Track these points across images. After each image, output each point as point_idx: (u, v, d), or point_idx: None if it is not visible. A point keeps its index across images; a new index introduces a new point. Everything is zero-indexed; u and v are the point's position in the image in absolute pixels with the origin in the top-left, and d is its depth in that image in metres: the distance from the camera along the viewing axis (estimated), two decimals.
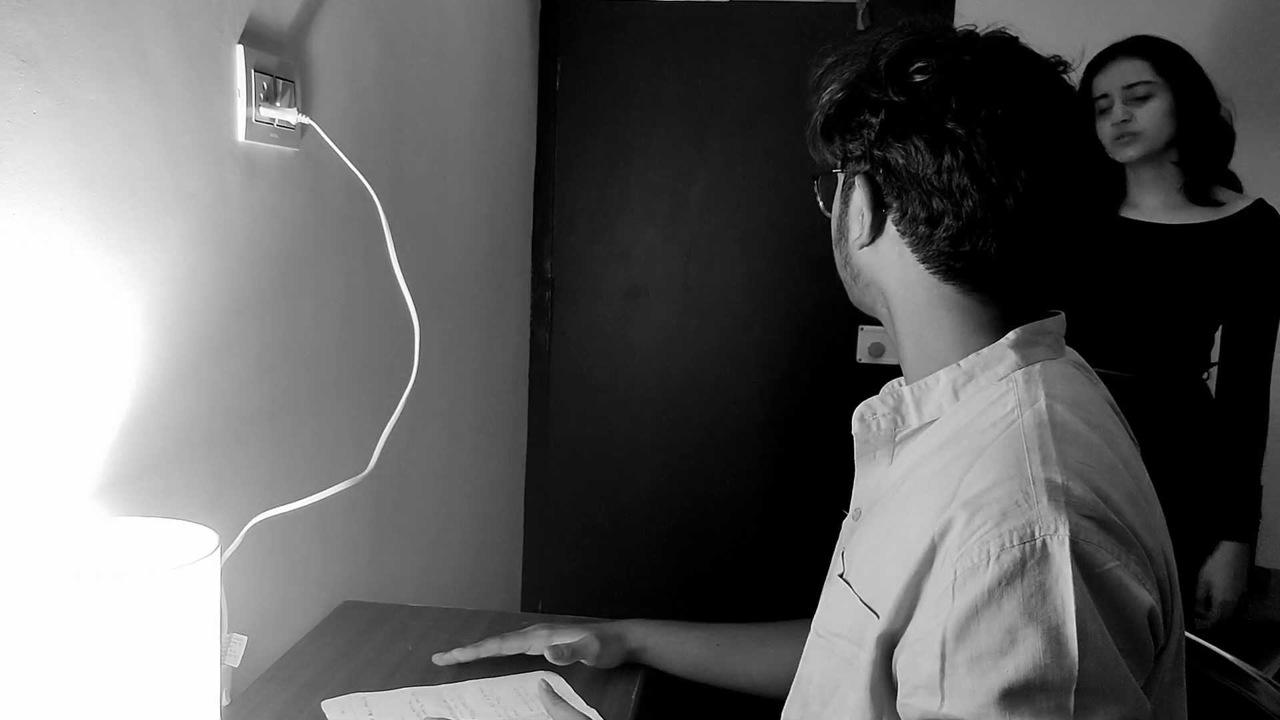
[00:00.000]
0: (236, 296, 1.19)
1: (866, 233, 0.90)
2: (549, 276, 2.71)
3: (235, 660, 1.08)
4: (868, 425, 0.92)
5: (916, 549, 0.78)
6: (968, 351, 0.88)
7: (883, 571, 0.82)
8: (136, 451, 1.02)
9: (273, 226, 1.27)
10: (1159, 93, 1.81)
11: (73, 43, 0.90)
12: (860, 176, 0.89)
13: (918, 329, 0.90)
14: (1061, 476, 0.77)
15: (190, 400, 1.11)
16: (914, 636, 0.78)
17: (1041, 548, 0.73)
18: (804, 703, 0.94)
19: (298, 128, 1.28)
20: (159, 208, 1.04)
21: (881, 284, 0.92)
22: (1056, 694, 0.71)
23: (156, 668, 0.79)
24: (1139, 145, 1.83)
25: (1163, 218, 1.87)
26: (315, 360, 1.41)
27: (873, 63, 0.88)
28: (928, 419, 0.89)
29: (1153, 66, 1.82)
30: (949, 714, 0.75)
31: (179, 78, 1.06)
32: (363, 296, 1.53)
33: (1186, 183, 1.85)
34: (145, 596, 0.78)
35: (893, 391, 0.92)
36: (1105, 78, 1.85)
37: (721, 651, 1.25)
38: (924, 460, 0.86)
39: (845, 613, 0.87)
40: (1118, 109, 1.83)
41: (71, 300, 0.92)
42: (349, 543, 1.55)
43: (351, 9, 1.46)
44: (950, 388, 0.87)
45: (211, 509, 1.15)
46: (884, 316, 0.95)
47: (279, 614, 1.34)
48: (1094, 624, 0.72)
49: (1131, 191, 1.91)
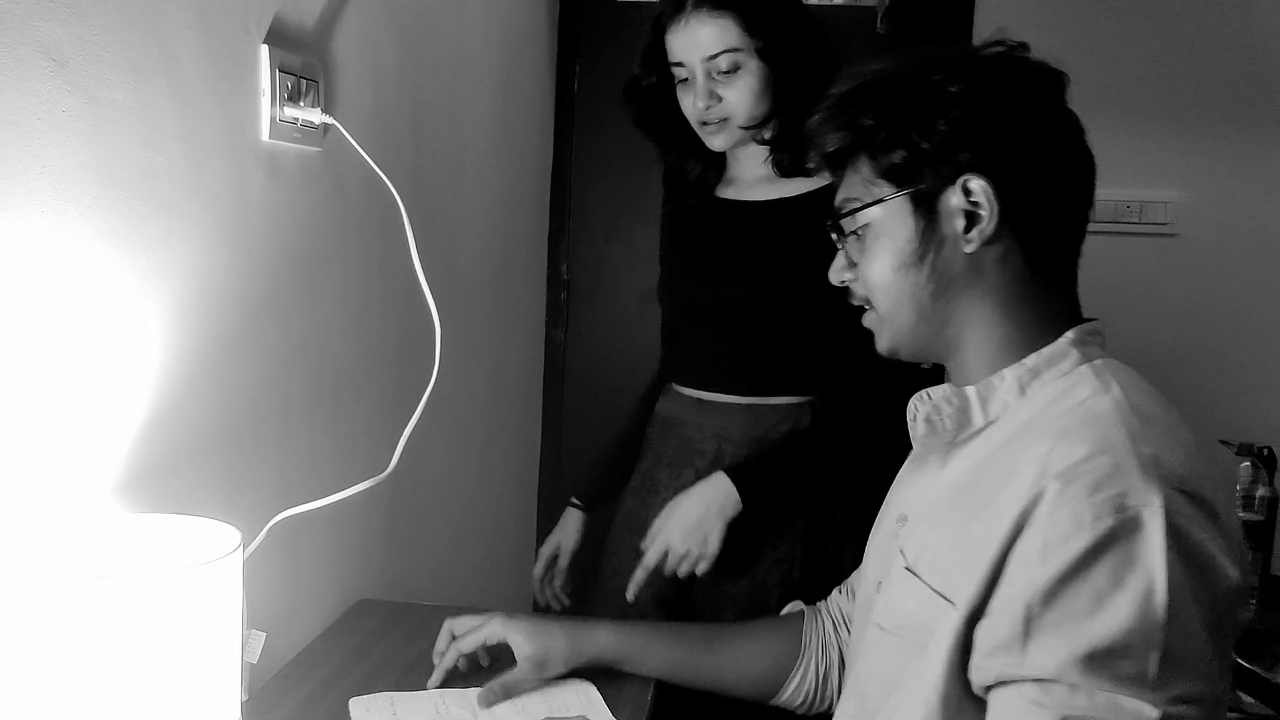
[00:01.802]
0: (257, 295, 1.20)
1: (992, 222, 0.88)
2: (565, 278, 2.72)
3: (254, 656, 1.08)
4: (934, 427, 0.93)
5: (1001, 527, 0.80)
6: (1029, 350, 0.90)
7: (961, 559, 0.83)
8: (157, 449, 1.02)
9: (294, 225, 1.28)
10: (748, 63, 1.41)
11: (101, 42, 0.90)
12: (971, 173, 0.88)
13: (993, 344, 0.91)
14: (1151, 450, 0.79)
15: (210, 398, 1.12)
16: (996, 605, 0.80)
17: (1134, 518, 0.75)
18: (862, 698, 0.94)
19: (321, 127, 1.29)
20: (182, 206, 1.05)
21: (971, 286, 0.91)
22: (1138, 661, 0.73)
23: (180, 663, 0.79)
24: (729, 134, 1.46)
25: (757, 194, 1.53)
26: (335, 359, 1.42)
27: (935, 68, 0.89)
28: (992, 418, 0.90)
29: (741, 26, 1.39)
30: (1028, 674, 0.76)
31: (204, 77, 1.07)
32: (382, 296, 1.54)
33: (776, 159, 1.50)
34: (170, 592, 0.78)
35: (955, 393, 0.92)
36: (681, 38, 1.41)
37: (690, 650, 1.24)
38: (991, 456, 0.88)
39: (914, 604, 0.88)
40: (699, 86, 1.42)
41: (94, 297, 0.92)
42: (365, 541, 1.56)
43: (373, 10, 1.47)
44: (1016, 385, 0.89)
45: (230, 506, 1.15)
46: (942, 338, 0.94)
47: (296, 611, 1.35)
48: (1182, 596, 0.73)
49: (729, 165, 1.57)
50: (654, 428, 1.64)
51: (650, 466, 1.61)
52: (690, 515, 1.42)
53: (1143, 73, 2.57)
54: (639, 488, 1.63)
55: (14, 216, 0.82)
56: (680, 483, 1.53)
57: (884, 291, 0.94)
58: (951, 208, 0.89)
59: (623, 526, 1.63)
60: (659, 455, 1.60)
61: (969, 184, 0.88)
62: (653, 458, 1.61)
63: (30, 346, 0.85)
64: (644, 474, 1.63)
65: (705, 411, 1.54)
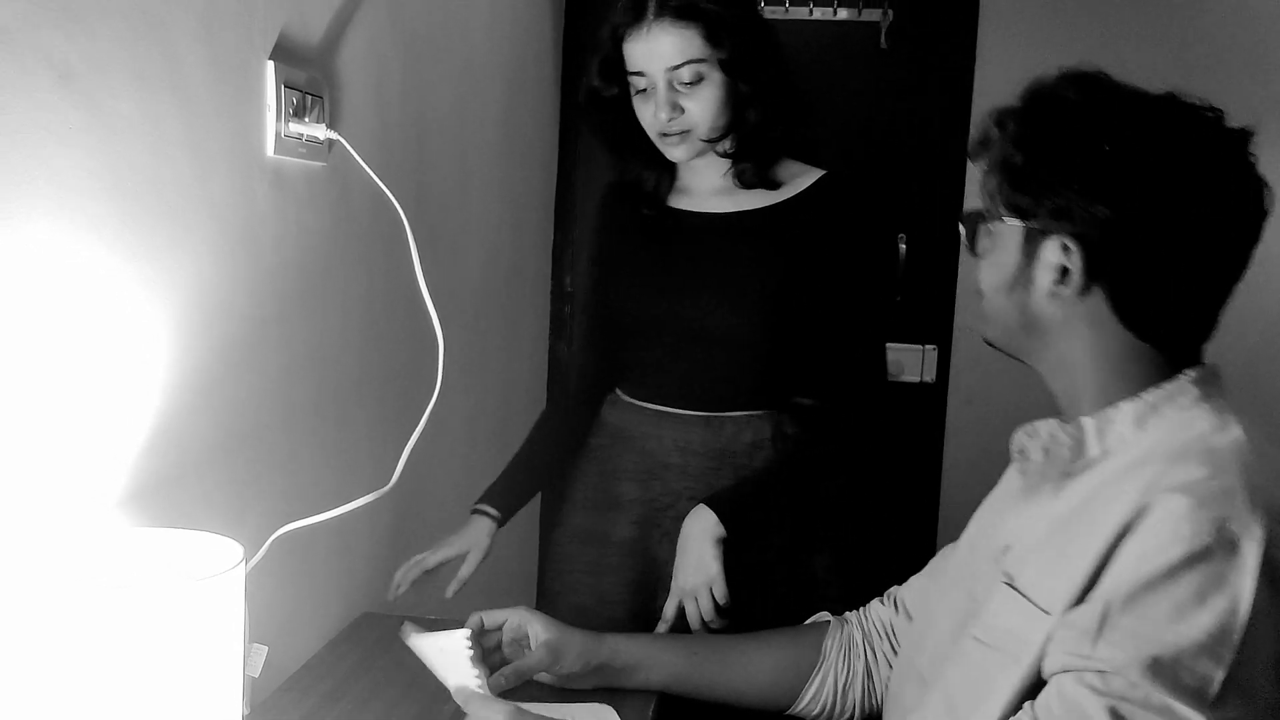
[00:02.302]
0: (262, 308, 1.21)
1: (1073, 289, 0.90)
2: (569, 290, 2.72)
3: (256, 670, 1.08)
4: (1052, 456, 0.94)
5: (1103, 538, 0.82)
6: (1140, 386, 0.91)
7: (1062, 572, 0.86)
8: (162, 461, 1.02)
9: (298, 239, 1.28)
10: (711, 74, 1.38)
11: (108, 56, 0.91)
12: (1072, 238, 0.89)
13: (1104, 376, 0.93)
14: (1263, 483, 0.81)
15: (215, 410, 1.12)
16: (1084, 601, 0.82)
17: (1232, 542, 0.77)
18: (950, 708, 0.95)
19: (325, 143, 1.29)
20: (188, 219, 1.05)
21: (1063, 333, 0.93)
22: (1202, 676, 0.75)
23: (182, 677, 0.79)
24: (690, 145, 1.43)
25: (714, 205, 1.51)
26: (338, 372, 1.42)
27: (1095, 119, 0.89)
28: (1108, 449, 0.91)
29: (704, 37, 1.36)
30: (1094, 664, 0.79)
31: (210, 91, 1.07)
32: (385, 310, 1.54)
33: (736, 171, 1.48)
34: (172, 607, 0.78)
35: (1073, 424, 0.94)
36: (642, 47, 1.38)
37: (699, 660, 1.24)
38: (1104, 485, 0.89)
39: (1014, 617, 0.90)
40: (661, 97, 1.39)
41: (100, 306, 0.93)
42: (369, 554, 1.56)
43: (378, 26, 1.48)
44: (1134, 419, 0.91)
45: (234, 519, 1.15)
46: (1043, 359, 0.97)
47: (299, 624, 1.34)
48: (1264, 626, 0.75)
49: (681, 175, 1.54)
50: (602, 439, 1.59)
51: (605, 480, 1.57)
52: (688, 554, 1.41)
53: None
54: (590, 502, 1.58)
55: (20, 225, 0.82)
56: (649, 496, 1.52)
57: (983, 298, 0.99)
58: (1047, 259, 0.91)
59: (573, 541, 1.59)
60: (616, 469, 1.55)
61: (1067, 244, 0.89)
62: (606, 472, 1.57)
63: (36, 355, 0.85)
64: (596, 487, 1.58)
65: (666, 424, 1.51)
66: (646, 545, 1.53)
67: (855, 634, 1.24)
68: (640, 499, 1.53)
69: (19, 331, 0.83)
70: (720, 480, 1.49)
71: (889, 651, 1.21)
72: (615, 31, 1.40)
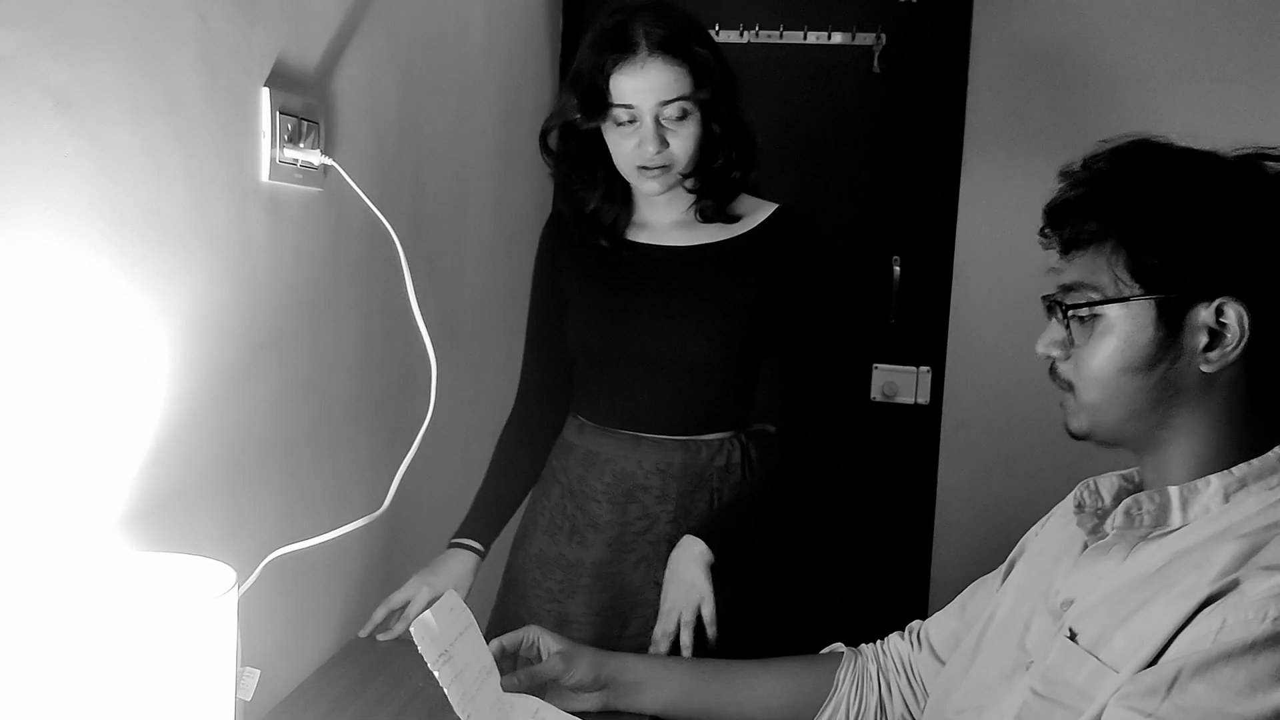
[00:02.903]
0: (258, 332, 1.21)
1: (1235, 351, 0.87)
2: None
3: (248, 694, 1.08)
4: (1133, 519, 0.92)
5: (1185, 606, 0.81)
6: (1236, 459, 0.90)
7: (1135, 632, 0.85)
8: (155, 486, 1.03)
9: (294, 265, 1.29)
10: (693, 113, 1.43)
11: (106, 84, 0.92)
12: (1231, 299, 0.86)
13: (1205, 445, 0.91)
14: None
15: (209, 435, 1.12)
16: (1155, 664, 0.82)
17: None
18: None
19: (321, 168, 1.31)
20: (184, 245, 1.06)
21: (1192, 402, 0.91)
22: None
23: (174, 701, 0.80)
24: (667, 179, 1.47)
25: (674, 239, 1.54)
26: (333, 397, 1.42)
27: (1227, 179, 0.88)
28: (1190, 520, 0.90)
29: (692, 76, 1.41)
30: (1157, 712, 0.79)
31: (207, 119, 1.08)
32: (381, 334, 1.55)
33: (700, 207, 1.52)
34: (164, 632, 0.79)
35: (1158, 491, 0.92)
36: (633, 81, 1.40)
37: (706, 680, 1.25)
38: (1185, 553, 0.88)
39: (1077, 672, 0.89)
40: (648, 130, 1.41)
41: (97, 334, 0.93)
42: (362, 578, 1.56)
43: (374, 52, 1.49)
44: (1222, 492, 0.89)
45: (229, 542, 1.16)
46: (1150, 437, 0.93)
47: (292, 648, 1.34)
48: None
49: (640, 209, 1.57)
50: (568, 461, 1.60)
51: (572, 503, 1.57)
52: (679, 578, 1.42)
53: None
54: (555, 525, 1.59)
55: (20, 253, 0.83)
56: (626, 519, 1.53)
57: (1100, 386, 0.92)
58: (1198, 323, 0.88)
59: (535, 568, 1.60)
60: (588, 491, 1.56)
61: (1225, 306, 0.86)
62: (575, 494, 1.57)
63: (33, 380, 0.86)
64: (561, 511, 1.59)
65: (644, 448, 1.54)
66: (620, 569, 1.54)
67: (870, 667, 1.23)
68: (615, 521, 1.53)
69: (15, 355, 0.84)
70: (696, 502, 1.53)
71: (905, 688, 1.21)
72: (604, 65, 1.42)
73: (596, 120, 1.45)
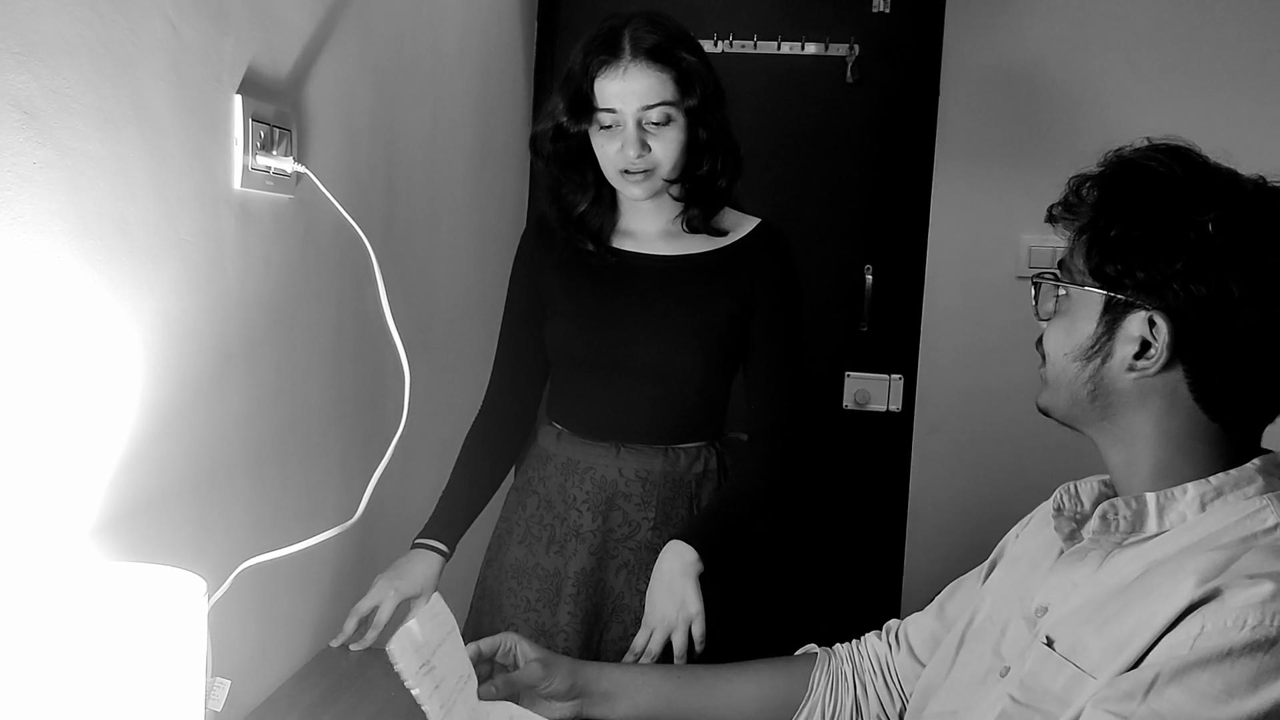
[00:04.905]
0: (228, 341, 1.21)
1: (1156, 365, 0.90)
2: None
3: (218, 705, 1.07)
4: (1109, 524, 0.94)
5: (1165, 613, 0.83)
6: (1203, 469, 0.92)
7: (1113, 639, 0.87)
8: (125, 495, 1.02)
9: (265, 273, 1.29)
10: (678, 118, 1.44)
11: (73, 95, 0.92)
12: (1161, 313, 0.89)
13: (1167, 452, 0.93)
14: None
15: (180, 444, 1.12)
16: (1131, 670, 0.83)
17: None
18: None
19: (293, 175, 1.30)
20: (154, 254, 1.05)
21: (1131, 407, 0.94)
22: None
23: (143, 711, 0.79)
24: (651, 184, 1.48)
25: (659, 248, 1.55)
26: (305, 406, 1.42)
27: (1193, 194, 0.89)
28: (1166, 527, 0.91)
29: (676, 82, 1.42)
30: (1133, 716, 0.80)
31: (177, 127, 1.08)
32: (353, 342, 1.54)
33: (686, 217, 1.53)
34: (135, 642, 0.78)
35: (1135, 499, 0.93)
36: (617, 85, 1.41)
37: (681, 686, 1.25)
38: (1163, 561, 0.89)
39: (1054, 678, 0.91)
40: (630, 134, 1.43)
41: (67, 346, 0.93)
42: (334, 588, 1.55)
43: (348, 59, 1.49)
44: (1198, 500, 0.91)
45: (199, 552, 1.15)
46: (1104, 431, 0.96)
47: (263, 658, 1.34)
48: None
49: (625, 216, 1.58)
50: (546, 470, 1.59)
51: (551, 513, 1.57)
52: (670, 589, 1.42)
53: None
54: (533, 535, 1.58)
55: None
56: (608, 526, 1.53)
57: (1051, 363, 0.98)
58: (1133, 331, 0.91)
59: (511, 578, 1.59)
60: (568, 500, 1.56)
61: (1154, 319, 0.89)
62: (555, 504, 1.57)
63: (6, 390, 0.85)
64: (532, 521, 1.59)
65: (626, 456, 1.54)
66: (602, 575, 1.54)
67: (844, 667, 1.24)
68: (599, 529, 1.54)
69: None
70: (676, 509, 1.54)
71: (881, 688, 1.22)
72: (589, 69, 1.43)
73: (583, 123, 1.46)
